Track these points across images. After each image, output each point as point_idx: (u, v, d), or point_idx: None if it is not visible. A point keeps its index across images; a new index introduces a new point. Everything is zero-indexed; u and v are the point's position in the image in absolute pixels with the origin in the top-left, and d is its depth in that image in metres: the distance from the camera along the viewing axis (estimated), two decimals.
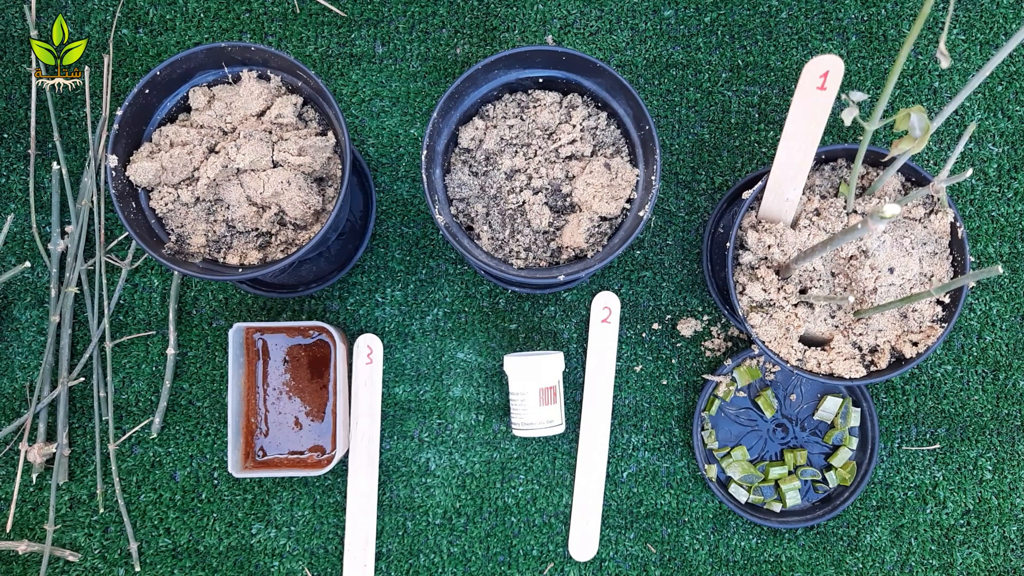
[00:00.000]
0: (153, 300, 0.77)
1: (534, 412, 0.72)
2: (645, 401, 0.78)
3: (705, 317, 0.78)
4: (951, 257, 0.67)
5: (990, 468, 0.77)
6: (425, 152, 0.64)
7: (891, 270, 0.66)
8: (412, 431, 0.77)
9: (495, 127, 0.67)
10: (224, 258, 0.67)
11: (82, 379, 0.77)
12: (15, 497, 0.76)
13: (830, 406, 0.75)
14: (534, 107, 0.68)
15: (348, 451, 0.76)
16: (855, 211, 0.67)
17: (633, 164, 0.67)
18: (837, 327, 0.68)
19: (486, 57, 0.64)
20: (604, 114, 0.68)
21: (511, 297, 0.78)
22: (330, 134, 0.66)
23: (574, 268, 0.64)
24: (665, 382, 0.78)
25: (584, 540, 0.76)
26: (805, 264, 0.66)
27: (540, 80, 0.67)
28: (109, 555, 0.76)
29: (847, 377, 0.66)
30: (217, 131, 0.66)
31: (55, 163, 0.77)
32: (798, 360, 0.67)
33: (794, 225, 0.68)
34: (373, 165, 0.78)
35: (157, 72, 0.64)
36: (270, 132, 0.66)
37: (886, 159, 0.61)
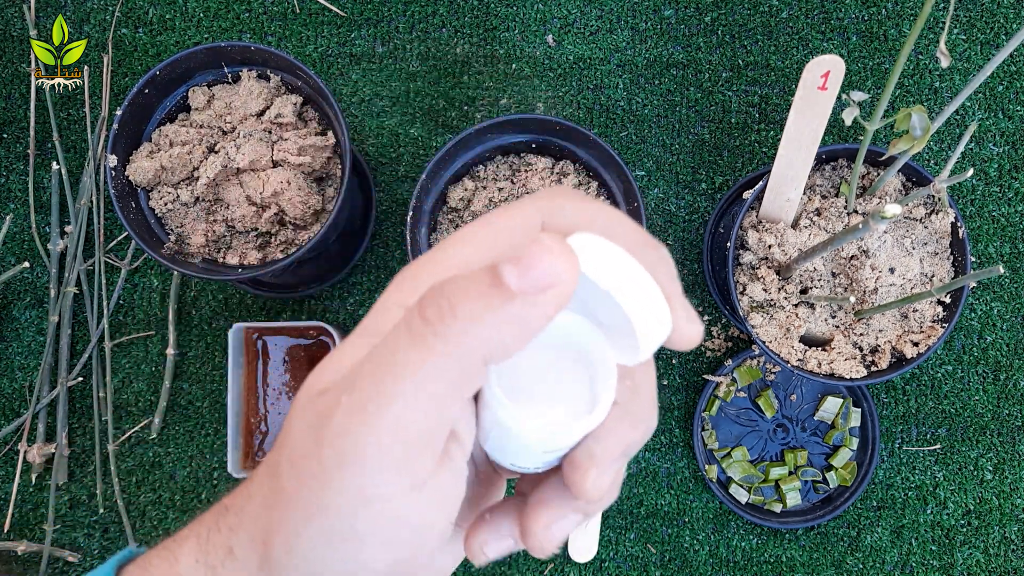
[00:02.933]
0: (153, 300, 0.77)
1: None
2: None
3: (705, 317, 0.78)
4: (952, 257, 0.67)
5: (991, 468, 0.77)
6: (411, 213, 0.64)
7: (892, 270, 0.66)
8: None
9: (484, 188, 0.68)
10: (224, 258, 0.67)
11: (81, 379, 0.76)
12: (14, 497, 0.76)
13: (830, 406, 0.75)
14: (525, 171, 0.68)
15: None
16: (856, 211, 0.67)
17: None
18: (838, 327, 0.68)
19: (480, 122, 0.65)
20: (595, 184, 0.68)
21: None
22: (330, 134, 0.66)
23: None
24: (665, 382, 0.78)
25: (584, 541, 0.76)
26: (806, 264, 0.66)
27: (533, 145, 0.68)
28: (109, 555, 0.76)
29: (848, 377, 0.65)
30: (216, 131, 0.66)
31: (54, 163, 0.77)
32: (799, 360, 0.66)
33: (795, 225, 0.67)
34: (373, 164, 0.78)
35: (157, 72, 0.64)
36: (270, 132, 0.66)
37: (884, 158, 0.61)
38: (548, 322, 0.23)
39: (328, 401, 0.24)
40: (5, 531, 0.76)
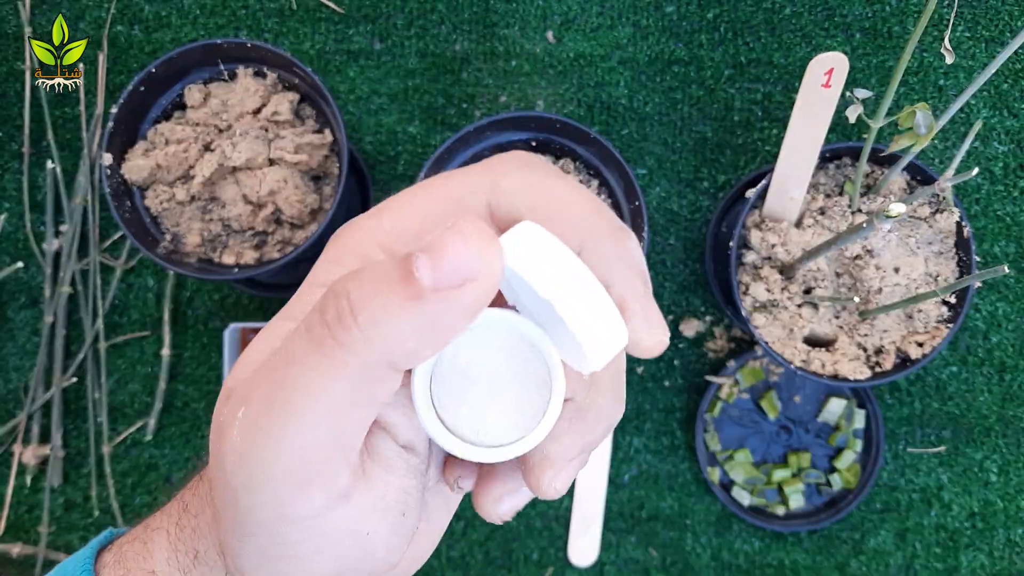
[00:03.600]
0: (148, 300, 0.77)
1: None
2: (647, 403, 0.77)
3: (708, 317, 0.77)
4: (957, 257, 0.67)
5: (995, 470, 0.76)
6: None
7: (896, 270, 0.65)
8: None
9: None
10: (220, 257, 0.66)
11: (75, 380, 0.76)
12: (9, 499, 0.75)
13: (834, 408, 0.75)
14: None
15: None
16: (860, 210, 0.66)
17: None
18: (842, 328, 0.67)
19: (479, 119, 0.64)
20: (596, 182, 0.68)
21: None
22: (327, 132, 0.66)
23: None
24: (667, 383, 0.77)
25: (584, 544, 0.75)
26: (809, 264, 0.65)
27: (533, 144, 0.67)
28: None
29: (852, 379, 0.65)
30: (212, 128, 0.65)
31: (49, 161, 0.76)
32: (802, 361, 0.66)
33: (798, 224, 0.67)
34: (370, 163, 0.77)
35: (152, 69, 0.63)
36: (266, 130, 0.65)
37: (884, 154, 0.60)
38: (466, 323, 0.20)
39: (229, 412, 0.23)
40: (0, 534, 0.75)
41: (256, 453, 0.21)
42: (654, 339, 0.23)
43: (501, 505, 0.26)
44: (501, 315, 0.23)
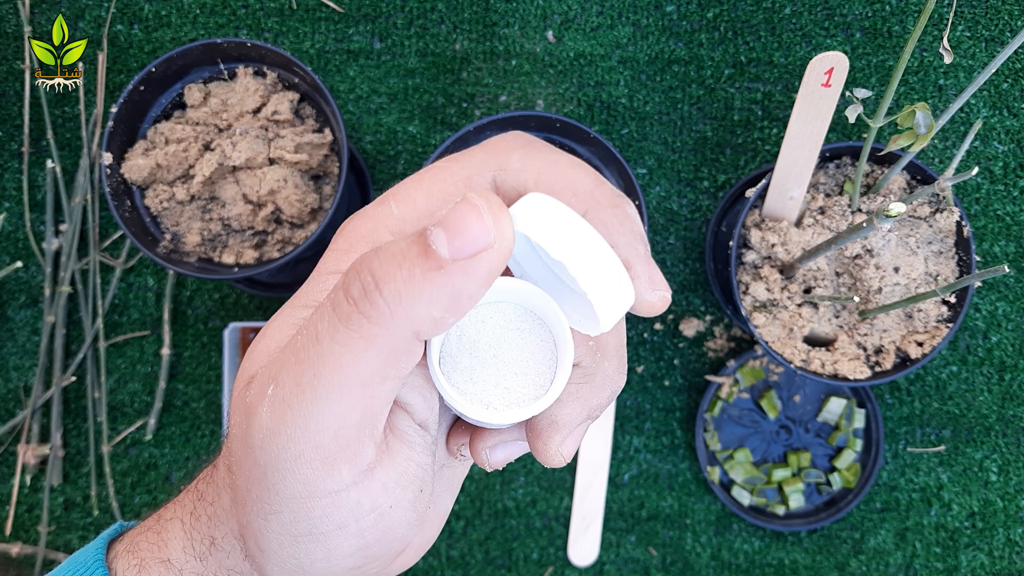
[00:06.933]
0: (148, 300, 0.76)
1: None
2: (647, 402, 0.77)
3: (708, 317, 0.77)
4: (957, 256, 0.67)
5: (995, 470, 0.76)
6: None
7: (896, 269, 0.65)
8: None
9: None
10: (219, 257, 0.66)
11: (75, 379, 0.76)
12: (15, 499, 0.75)
13: (834, 407, 0.75)
14: None
15: None
16: (860, 209, 0.66)
17: None
18: (842, 327, 0.67)
19: (479, 119, 0.64)
20: None
21: None
22: (327, 131, 0.66)
23: None
24: (667, 383, 0.77)
25: (584, 544, 0.75)
26: (809, 263, 0.65)
27: None
28: None
29: (851, 378, 0.65)
30: (212, 128, 0.65)
31: (49, 161, 0.76)
32: (802, 361, 0.66)
33: (798, 224, 0.67)
34: (370, 162, 0.77)
35: (152, 68, 0.63)
36: (266, 129, 0.65)
37: (882, 153, 0.60)
38: (484, 290, 0.21)
39: (254, 394, 0.23)
40: (5, 534, 0.75)
41: (285, 430, 0.22)
42: (657, 296, 0.24)
43: (495, 452, 0.27)
44: (510, 283, 0.24)
